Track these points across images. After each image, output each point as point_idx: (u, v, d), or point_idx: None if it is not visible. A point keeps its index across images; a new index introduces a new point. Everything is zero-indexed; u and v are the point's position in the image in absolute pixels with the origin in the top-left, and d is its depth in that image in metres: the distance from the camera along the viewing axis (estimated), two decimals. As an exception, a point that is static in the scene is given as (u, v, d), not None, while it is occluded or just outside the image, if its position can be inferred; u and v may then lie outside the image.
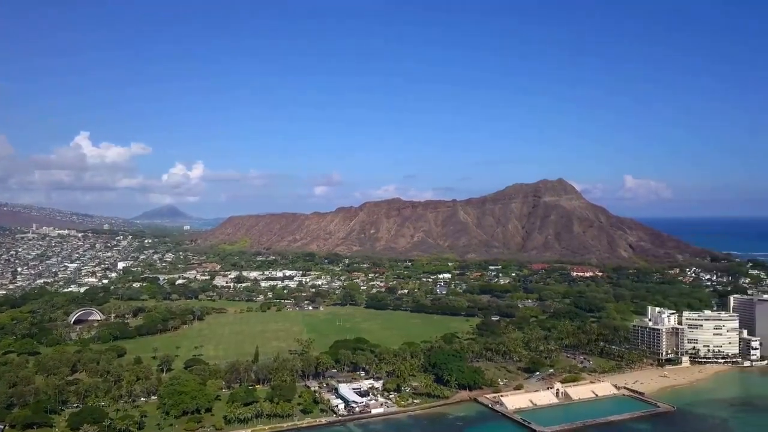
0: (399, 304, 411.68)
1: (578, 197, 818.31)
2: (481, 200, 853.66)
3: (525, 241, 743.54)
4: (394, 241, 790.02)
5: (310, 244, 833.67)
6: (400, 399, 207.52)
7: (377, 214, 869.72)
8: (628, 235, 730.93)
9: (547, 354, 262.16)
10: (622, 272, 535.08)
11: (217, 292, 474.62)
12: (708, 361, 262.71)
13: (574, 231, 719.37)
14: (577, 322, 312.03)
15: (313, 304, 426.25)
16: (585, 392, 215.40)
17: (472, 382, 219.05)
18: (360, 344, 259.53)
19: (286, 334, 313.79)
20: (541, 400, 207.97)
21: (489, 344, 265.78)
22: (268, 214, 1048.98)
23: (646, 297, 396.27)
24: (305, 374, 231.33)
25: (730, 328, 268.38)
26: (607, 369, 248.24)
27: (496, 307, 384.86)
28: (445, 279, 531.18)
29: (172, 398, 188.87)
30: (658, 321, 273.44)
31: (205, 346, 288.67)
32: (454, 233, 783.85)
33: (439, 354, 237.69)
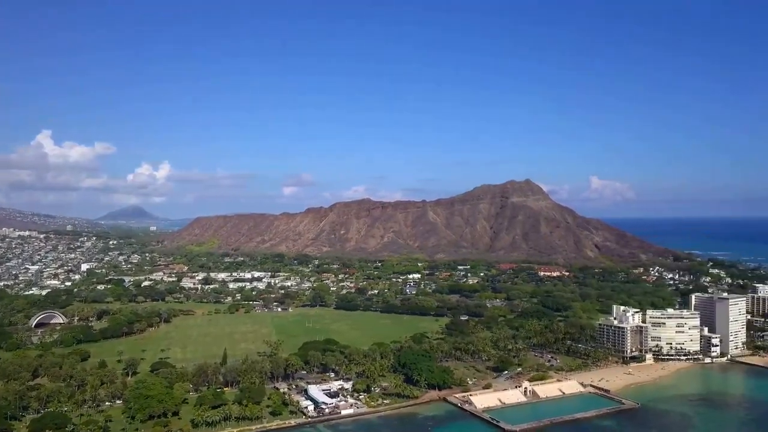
0: (369, 305, 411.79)
1: (545, 198, 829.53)
2: (450, 201, 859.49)
3: (493, 241, 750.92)
4: (364, 242, 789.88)
5: (279, 245, 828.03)
6: (369, 399, 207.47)
7: (347, 215, 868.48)
8: (593, 236, 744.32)
9: (515, 353, 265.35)
10: (588, 272, 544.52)
11: (185, 294, 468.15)
12: (671, 358, 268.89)
13: (542, 231, 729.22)
14: (544, 321, 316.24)
15: (282, 305, 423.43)
16: (552, 390, 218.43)
17: (441, 382, 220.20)
18: (330, 345, 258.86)
19: (254, 336, 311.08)
20: (510, 398, 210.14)
21: (458, 344, 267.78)
22: (236, 215, 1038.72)
23: (611, 296, 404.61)
24: (274, 376, 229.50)
25: (691, 326, 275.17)
26: (574, 367, 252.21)
27: (465, 306, 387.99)
28: (414, 279, 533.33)
29: (137, 402, 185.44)
30: (623, 319, 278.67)
31: (172, 349, 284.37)
32: (423, 234, 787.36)
33: (409, 354, 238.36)
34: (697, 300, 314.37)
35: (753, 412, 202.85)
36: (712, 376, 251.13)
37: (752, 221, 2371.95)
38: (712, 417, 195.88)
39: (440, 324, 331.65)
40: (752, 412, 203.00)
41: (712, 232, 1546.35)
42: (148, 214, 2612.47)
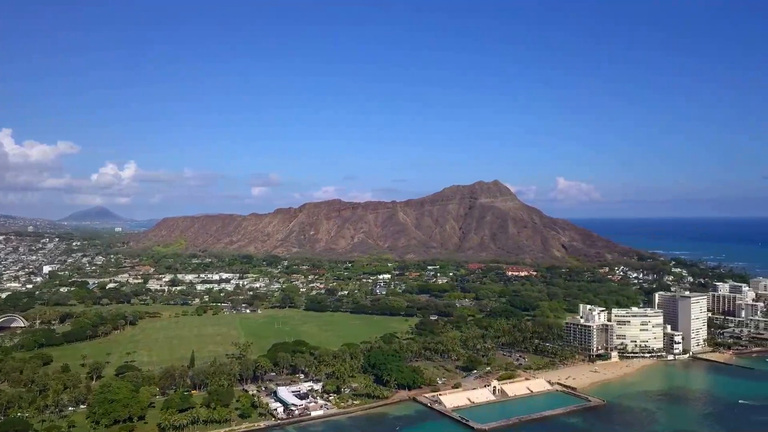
0: (339, 306, 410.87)
1: (513, 198, 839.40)
2: (419, 201, 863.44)
3: (462, 241, 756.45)
4: (334, 243, 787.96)
5: (247, 245, 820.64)
6: (339, 400, 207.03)
7: (317, 216, 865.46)
8: (560, 236, 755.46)
9: (484, 352, 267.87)
10: (555, 271, 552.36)
11: (151, 296, 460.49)
12: (635, 355, 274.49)
13: (509, 231, 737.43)
14: (512, 320, 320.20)
15: (251, 307, 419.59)
16: (520, 389, 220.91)
17: (411, 382, 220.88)
18: (299, 346, 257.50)
19: (223, 338, 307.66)
20: (479, 397, 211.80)
21: (428, 343, 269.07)
22: (203, 216, 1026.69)
23: (578, 295, 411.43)
24: (243, 378, 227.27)
25: (655, 324, 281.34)
26: (542, 366, 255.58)
27: (435, 306, 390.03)
28: (384, 279, 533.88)
29: (102, 407, 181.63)
30: (589, 318, 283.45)
31: (138, 352, 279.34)
32: (393, 234, 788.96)
33: (379, 354, 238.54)
34: (661, 299, 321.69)
35: (712, 407, 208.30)
36: (674, 373, 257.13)
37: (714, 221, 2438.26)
38: (674, 412, 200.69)
39: (410, 324, 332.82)
40: (711, 407, 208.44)
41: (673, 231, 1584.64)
42: (113, 214, 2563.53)
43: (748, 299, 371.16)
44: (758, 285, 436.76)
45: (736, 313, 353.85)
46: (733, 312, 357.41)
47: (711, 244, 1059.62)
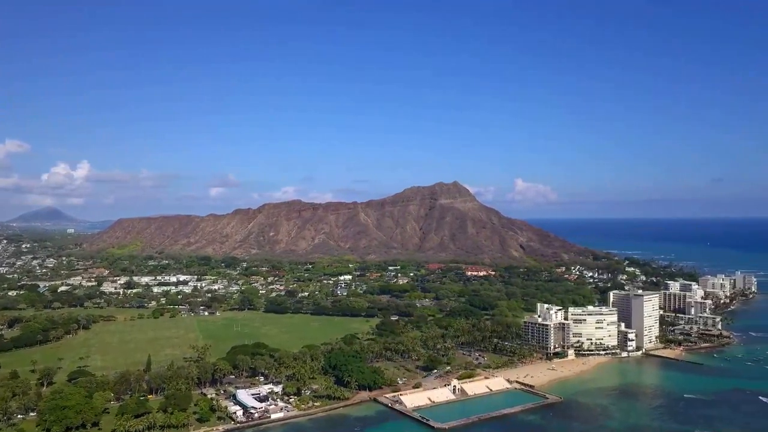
0: (299, 307, 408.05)
1: (472, 199, 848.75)
2: (380, 202, 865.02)
3: (422, 241, 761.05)
4: (295, 244, 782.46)
5: (205, 247, 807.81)
6: (300, 402, 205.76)
7: (277, 216, 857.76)
8: (518, 236, 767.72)
9: (444, 352, 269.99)
10: (514, 271, 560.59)
11: (105, 299, 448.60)
12: (591, 353, 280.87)
13: (469, 232, 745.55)
14: (472, 320, 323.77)
15: (210, 309, 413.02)
16: (480, 388, 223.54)
17: (372, 383, 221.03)
18: (259, 349, 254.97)
19: (180, 341, 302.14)
20: (439, 397, 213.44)
21: (388, 344, 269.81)
22: (160, 216, 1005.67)
23: (535, 294, 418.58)
24: (201, 382, 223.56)
25: (609, 321, 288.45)
26: (501, 364, 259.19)
27: (395, 306, 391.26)
28: (345, 280, 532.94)
29: (53, 414, 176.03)
30: (547, 317, 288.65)
31: (91, 357, 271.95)
32: (354, 235, 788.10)
33: (339, 355, 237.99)
34: (615, 297, 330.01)
35: (662, 401, 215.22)
36: (628, 370, 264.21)
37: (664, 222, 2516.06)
38: (627, 407, 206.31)
39: (371, 325, 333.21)
40: (661, 401, 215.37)
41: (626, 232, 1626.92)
42: (65, 215, 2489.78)
43: (697, 297, 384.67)
44: (707, 283, 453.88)
45: (686, 310, 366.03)
46: (684, 309, 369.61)
47: (662, 244, 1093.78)
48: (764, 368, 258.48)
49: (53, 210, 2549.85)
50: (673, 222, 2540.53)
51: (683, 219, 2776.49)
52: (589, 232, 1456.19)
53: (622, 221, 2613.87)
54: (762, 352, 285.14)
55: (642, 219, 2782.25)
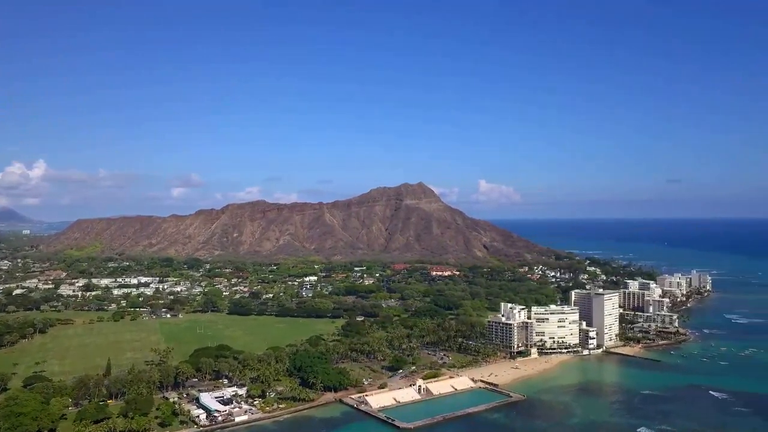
0: (264, 309, 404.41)
1: (437, 200, 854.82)
2: (346, 203, 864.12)
3: (388, 242, 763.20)
4: (259, 245, 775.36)
5: (167, 248, 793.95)
6: (264, 405, 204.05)
7: (240, 217, 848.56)
8: (482, 236, 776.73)
9: (409, 352, 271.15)
10: (478, 271, 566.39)
11: (63, 302, 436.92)
12: (554, 351, 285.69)
13: (434, 232, 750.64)
14: (437, 319, 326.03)
15: (172, 311, 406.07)
16: (445, 387, 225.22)
17: (337, 384, 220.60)
18: (223, 351, 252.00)
19: (142, 344, 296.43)
20: (404, 397, 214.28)
21: (354, 345, 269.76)
22: (120, 217, 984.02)
23: (499, 294, 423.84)
24: (163, 385, 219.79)
25: (571, 320, 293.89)
26: (465, 364, 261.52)
27: (361, 307, 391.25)
28: (311, 282, 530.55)
29: (8, 421, 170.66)
30: (510, 316, 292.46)
31: (48, 362, 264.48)
32: (320, 236, 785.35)
33: (305, 357, 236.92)
34: (577, 296, 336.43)
35: (623, 397, 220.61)
36: (589, 367, 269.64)
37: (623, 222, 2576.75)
38: (588, 404, 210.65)
39: (336, 325, 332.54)
40: (622, 397, 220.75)
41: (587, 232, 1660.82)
42: (20, 216, 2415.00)
43: (655, 295, 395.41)
44: (664, 282, 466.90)
45: (645, 308, 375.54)
46: (642, 308, 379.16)
47: (621, 244, 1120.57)
48: (718, 364, 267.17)
49: (8, 210, 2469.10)
50: (632, 222, 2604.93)
51: (642, 219, 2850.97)
52: (553, 232, 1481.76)
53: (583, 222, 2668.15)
54: (716, 349, 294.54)
55: (601, 219, 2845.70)
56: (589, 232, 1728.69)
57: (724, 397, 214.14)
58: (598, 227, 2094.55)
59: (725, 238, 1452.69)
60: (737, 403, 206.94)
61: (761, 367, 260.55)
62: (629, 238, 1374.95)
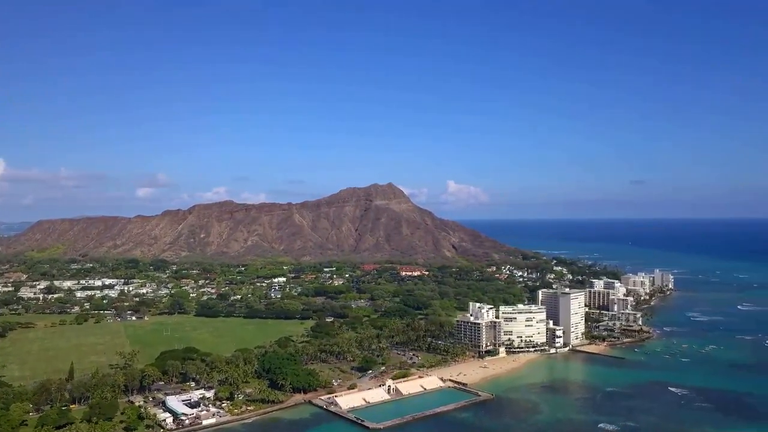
0: (232, 311, 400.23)
1: (406, 201, 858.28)
2: (316, 203, 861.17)
3: (358, 242, 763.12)
4: (227, 246, 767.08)
5: (133, 249, 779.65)
6: (233, 407, 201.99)
7: (208, 218, 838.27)
8: (451, 237, 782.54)
9: (379, 352, 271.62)
10: (447, 271, 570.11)
11: (24, 305, 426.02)
12: (521, 350, 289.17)
13: (403, 233, 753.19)
14: (406, 319, 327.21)
15: (138, 314, 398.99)
16: (414, 387, 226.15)
17: (306, 385, 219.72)
18: (190, 353, 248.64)
19: (106, 348, 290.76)
20: (374, 397, 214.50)
21: (323, 346, 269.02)
22: (84, 218, 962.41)
23: (467, 294, 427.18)
24: (129, 389, 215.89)
25: (539, 319, 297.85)
26: (434, 363, 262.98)
27: (330, 308, 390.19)
28: (279, 283, 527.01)
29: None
30: (479, 316, 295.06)
31: (8, 366, 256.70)
32: (289, 236, 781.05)
33: (273, 358, 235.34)
34: (543, 295, 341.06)
35: (588, 394, 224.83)
36: (555, 366, 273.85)
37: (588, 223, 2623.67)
38: (555, 402, 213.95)
39: (305, 327, 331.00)
40: (588, 394, 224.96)
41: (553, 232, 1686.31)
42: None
43: (620, 294, 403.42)
44: (629, 281, 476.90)
45: (610, 307, 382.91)
46: (607, 306, 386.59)
47: (587, 244, 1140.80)
48: (680, 361, 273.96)
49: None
50: (598, 222, 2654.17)
51: (607, 219, 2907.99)
52: (520, 232, 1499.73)
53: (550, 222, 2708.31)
54: (678, 346, 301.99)
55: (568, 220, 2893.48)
56: (555, 232, 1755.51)
57: (685, 393, 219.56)
58: (565, 227, 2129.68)
59: (686, 238, 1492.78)
60: (698, 399, 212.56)
61: (720, 363, 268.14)
62: (594, 238, 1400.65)
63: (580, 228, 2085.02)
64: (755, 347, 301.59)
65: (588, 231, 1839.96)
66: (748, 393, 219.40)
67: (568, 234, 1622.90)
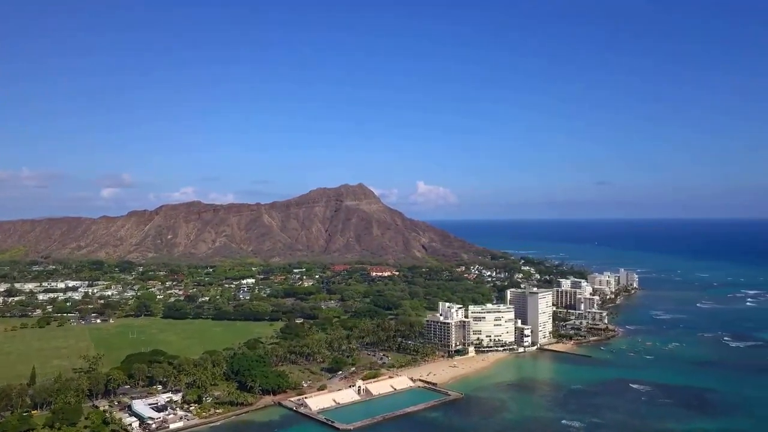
0: (200, 313, 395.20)
1: (377, 201, 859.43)
2: (285, 204, 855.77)
3: (328, 243, 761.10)
4: (194, 247, 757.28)
5: (98, 251, 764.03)
6: (201, 410, 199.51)
7: (175, 218, 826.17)
8: (421, 237, 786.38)
9: (349, 353, 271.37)
10: (416, 271, 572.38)
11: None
12: (490, 349, 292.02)
13: (374, 233, 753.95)
14: (376, 320, 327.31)
15: (102, 316, 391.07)
16: (384, 387, 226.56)
17: (276, 387, 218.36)
18: (157, 356, 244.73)
19: (69, 351, 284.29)
20: (344, 398, 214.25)
21: (293, 347, 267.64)
22: (46, 219, 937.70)
23: (437, 293, 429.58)
24: (93, 393, 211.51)
25: (507, 319, 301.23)
26: (404, 363, 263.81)
27: (300, 309, 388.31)
28: (248, 284, 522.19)
29: None
30: (448, 315, 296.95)
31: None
32: (258, 237, 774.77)
33: (242, 360, 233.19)
34: (512, 295, 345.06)
35: (555, 392, 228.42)
36: (524, 364, 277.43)
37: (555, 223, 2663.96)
38: (523, 400, 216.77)
39: (275, 328, 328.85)
40: (555, 392, 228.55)
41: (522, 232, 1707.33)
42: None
43: (586, 293, 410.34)
44: (595, 280, 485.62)
45: (577, 306, 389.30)
46: (574, 305, 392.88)
47: (554, 244, 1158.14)
48: (644, 358, 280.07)
49: None
50: (565, 223, 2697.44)
51: (574, 220, 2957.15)
52: (488, 233, 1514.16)
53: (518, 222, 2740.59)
54: (642, 344, 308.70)
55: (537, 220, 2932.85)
56: (523, 232, 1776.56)
57: (649, 389, 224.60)
58: (534, 228, 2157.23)
59: (650, 237, 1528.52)
60: (661, 395, 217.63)
61: (683, 360, 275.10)
62: (562, 238, 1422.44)
63: (548, 228, 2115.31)
64: (715, 344, 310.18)
65: (556, 231, 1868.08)
66: (709, 389, 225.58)
67: (536, 234, 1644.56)
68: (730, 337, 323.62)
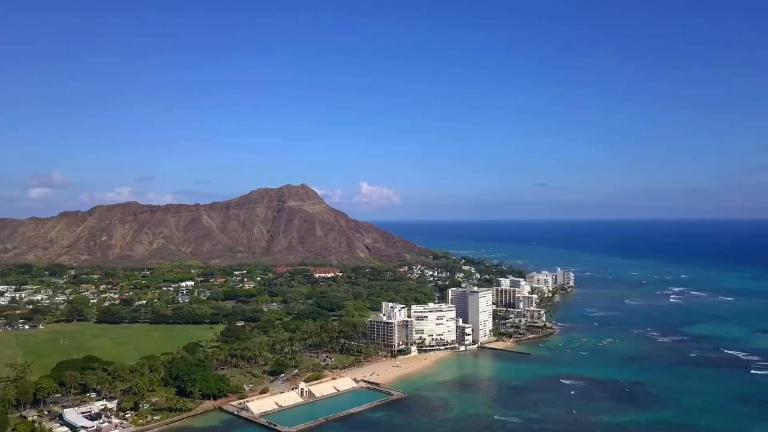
0: (136, 317, 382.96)
1: (320, 202, 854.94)
2: (225, 204, 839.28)
3: (270, 244, 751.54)
4: (131, 249, 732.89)
5: (25, 254, 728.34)
6: (138, 417, 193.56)
7: (110, 219, 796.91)
8: (364, 237, 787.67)
9: (291, 355, 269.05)
10: (360, 272, 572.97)
11: None
12: (432, 348, 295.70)
13: (317, 234, 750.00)
14: (319, 321, 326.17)
15: (31, 322, 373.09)
16: (327, 389, 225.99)
17: (217, 391, 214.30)
18: (90, 363, 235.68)
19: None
20: (287, 401, 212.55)
21: (234, 350, 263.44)
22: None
23: (380, 294, 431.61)
24: (21, 403, 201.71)
25: (449, 318, 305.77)
26: (348, 364, 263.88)
27: (242, 312, 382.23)
28: (187, 287, 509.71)
29: None
30: (391, 315, 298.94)
31: None
32: (197, 239, 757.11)
33: (181, 365, 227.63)
34: (453, 294, 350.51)
35: (496, 389, 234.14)
36: (465, 362, 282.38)
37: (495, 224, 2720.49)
38: (465, 398, 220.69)
39: (215, 331, 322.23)
40: (495, 389, 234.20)
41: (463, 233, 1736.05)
42: None
43: (525, 292, 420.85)
44: (533, 279, 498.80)
45: (516, 304, 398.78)
46: (514, 304, 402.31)
47: (494, 244, 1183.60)
48: (580, 354, 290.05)
49: None
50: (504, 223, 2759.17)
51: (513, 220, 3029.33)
52: (431, 233, 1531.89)
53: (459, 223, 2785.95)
54: (578, 341, 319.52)
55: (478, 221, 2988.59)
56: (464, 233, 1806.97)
57: (584, 384, 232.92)
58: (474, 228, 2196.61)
59: (584, 237, 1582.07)
60: (595, 390, 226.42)
61: (615, 355, 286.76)
62: (501, 238, 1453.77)
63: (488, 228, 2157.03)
64: (644, 340, 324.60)
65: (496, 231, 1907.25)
66: (638, 382, 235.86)
67: (476, 234, 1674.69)
68: (658, 332, 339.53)
